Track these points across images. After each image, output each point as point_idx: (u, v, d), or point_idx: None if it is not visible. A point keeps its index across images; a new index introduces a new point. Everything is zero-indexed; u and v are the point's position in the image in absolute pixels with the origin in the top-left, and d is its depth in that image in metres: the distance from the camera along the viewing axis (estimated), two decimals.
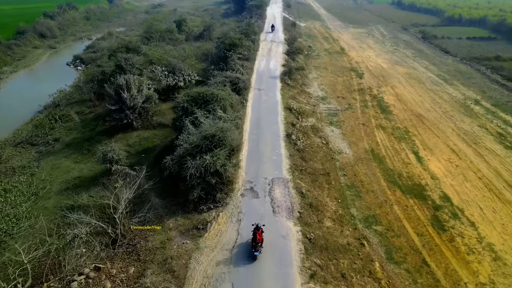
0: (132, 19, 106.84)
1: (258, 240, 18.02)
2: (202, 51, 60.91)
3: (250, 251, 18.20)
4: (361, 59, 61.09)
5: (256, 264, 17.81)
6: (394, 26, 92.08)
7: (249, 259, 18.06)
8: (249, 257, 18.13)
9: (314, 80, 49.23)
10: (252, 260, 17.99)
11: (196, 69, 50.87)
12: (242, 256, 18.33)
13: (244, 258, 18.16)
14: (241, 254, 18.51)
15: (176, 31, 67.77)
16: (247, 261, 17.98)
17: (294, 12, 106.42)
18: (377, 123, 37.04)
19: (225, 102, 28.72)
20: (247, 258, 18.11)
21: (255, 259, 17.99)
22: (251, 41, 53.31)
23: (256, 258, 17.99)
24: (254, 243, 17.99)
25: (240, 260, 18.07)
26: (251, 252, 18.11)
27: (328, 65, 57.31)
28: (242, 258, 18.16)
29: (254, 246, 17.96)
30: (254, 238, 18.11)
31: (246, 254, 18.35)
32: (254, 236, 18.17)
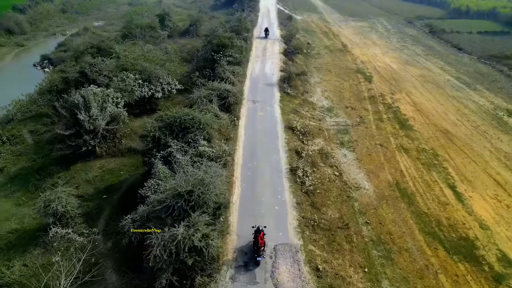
0: (113, 12, 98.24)
1: (260, 244, 16.65)
2: (188, 49, 53.63)
3: (252, 256, 16.80)
4: (367, 58, 54.25)
5: None
6: (398, 19, 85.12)
7: (252, 265, 16.61)
8: (251, 262, 16.69)
9: (317, 86, 42.34)
10: (255, 265, 16.63)
11: (180, 72, 43.73)
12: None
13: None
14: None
15: (159, 27, 60.12)
16: (250, 267, 16.53)
17: (289, 4, 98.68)
18: (398, 143, 30.43)
19: (210, 129, 21.80)
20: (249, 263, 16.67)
21: (258, 265, 16.64)
22: (243, 40, 46.12)
23: (259, 264, 16.61)
24: (256, 248, 16.67)
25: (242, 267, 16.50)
26: (253, 257, 16.74)
27: (331, 65, 50.40)
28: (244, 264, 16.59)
29: (257, 250, 16.65)
30: (255, 242, 16.78)
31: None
32: (255, 240, 16.83)
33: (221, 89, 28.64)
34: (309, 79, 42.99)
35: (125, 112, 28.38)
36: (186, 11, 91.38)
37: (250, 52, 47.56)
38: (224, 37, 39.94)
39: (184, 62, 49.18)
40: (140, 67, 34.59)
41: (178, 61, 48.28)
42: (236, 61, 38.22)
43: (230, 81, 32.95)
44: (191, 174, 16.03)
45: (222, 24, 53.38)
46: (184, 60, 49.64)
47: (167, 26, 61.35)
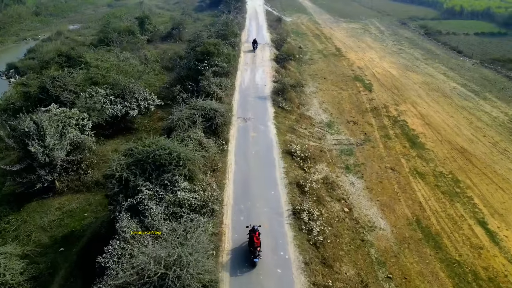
0: (91, 14, 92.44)
1: (256, 244, 15.69)
2: (170, 56, 48.99)
3: (248, 257, 15.85)
4: (364, 63, 50.47)
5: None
6: (391, 20, 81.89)
7: (247, 266, 15.65)
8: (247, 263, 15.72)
9: (313, 96, 38.23)
10: (251, 267, 15.64)
11: (160, 83, 39.11)
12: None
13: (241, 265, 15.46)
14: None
15: (138, 31, 55.24)
16: (245, 269, 15.49)
17: (277, 5, 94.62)
18: (411, 166, 26.47)
19: (192, 165, 17.37)
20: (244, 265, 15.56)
21: (254, 266, 15.64)
22: (231, 45, 41.72)
23: (256, 265, 15.62)
24: (252, 248, 15.73)
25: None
26: (248, 258, 15.80)
27: (326, 72, 46.40)
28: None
29: (252, 251, 15.69)
30: (251, 242, 15.93)
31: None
32: (250, 240, 15.98)
33: (207, 109, 24.17)
34: (304, 89, 38.82)
35: (91, 138, 23.71)
36: (168, 13, 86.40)
37: (239, 59, 43.18)
38: (209, 43, 35.43)
39: (166, 71, 44.62)
40: (112, 81, 29.87)
41: (158, 69, 43.72)
42: (223, 71, 33.78)
43: (216, 96, 28.55)
44: (163, 250, 11.51)
45: (207, 28, 48.90)
46: (165, 69, 45.06)
47: (147, 30, 56.50)
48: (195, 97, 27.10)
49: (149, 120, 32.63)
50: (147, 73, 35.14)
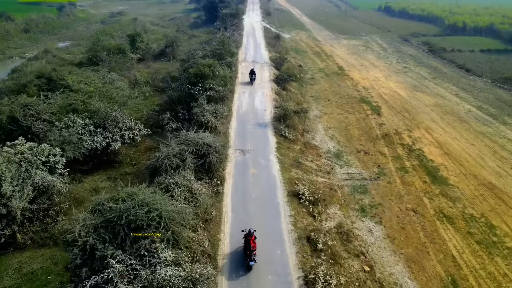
0: (83, 31, 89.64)
1: (253, 248, 15.31)
2: (163, 76, 45.72)
3: (243, 261, 15.52)
4: (369, 83, 47.42)
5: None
6: (392, 37, 79.60)
7: (242, 270, 15.29)
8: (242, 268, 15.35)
9: (318, 122, 34.86)
10: (246, 271, 15.21)
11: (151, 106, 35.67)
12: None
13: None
14: None
15: (129, 49, 52.07)
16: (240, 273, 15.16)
17: (274, 21, 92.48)
18: (436, 208, 22.91)
19: (177, 226, 13.70)
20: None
21: (250, 270, 15.21)
22: (227, 66, 38.51)
23: (252, 269, 15.23)
24: (248, 252, 15.29)
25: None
26: (245, 262, 15.41)
27: (330, 93, 43.21)
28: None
29: (249, 255, 15.23)
30: (247, 245, 15.52)
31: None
32: (246, 244, 15.60)
33: (199, 144, 20.60)
34: (308, 114, 35.45)
35: (62, 179, 20.04)
36: (163, 29, 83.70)
37: (236, 80, 39.90)
38: (204, 65, 32.10)
39: (157, 92, 41.22)
40: (93, 108, 26.35)
41: (149, 91, 40.30)
42: (219, 95, 30.37)
43: (211, 126, 25.04)
44: None
45: (202, 46, 45.76)
46: (157, 90, 41.65)
47: (139, 48, 53.32)
48: (186, 127, 23.58)
49: (136, 151, 28.99)
50: (135, 97, 31.60)
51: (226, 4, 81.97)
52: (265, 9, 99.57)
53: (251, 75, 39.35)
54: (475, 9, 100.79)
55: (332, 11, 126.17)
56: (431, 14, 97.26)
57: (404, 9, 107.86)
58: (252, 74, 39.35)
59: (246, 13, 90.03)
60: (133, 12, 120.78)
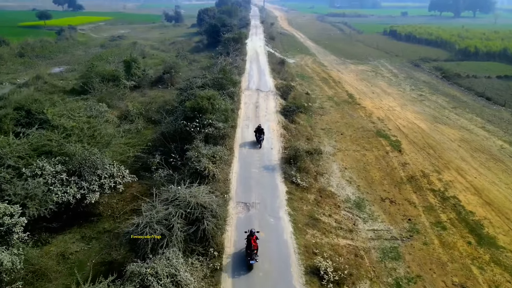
0: (81, 55, 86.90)
1: (254, 247, 16.14)
2: (159, 105, 41.90)
3: (245, 259, 16.33)
4: (384, 113, 43.34)
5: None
6: (401, 62, 76.27)
7: (244, 268, 15.99)
8: (244, 266, 16.10)
9: (332, 160, 30.50)
10: (247, 270, 15.98)
11: (142, 142, 31.47)
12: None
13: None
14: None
15: (123, 76, 48.48)
16: (242, 271, 15.75)
17: (278, 46, 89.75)
18: (490, 282, 18.14)
19: None
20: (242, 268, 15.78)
21: (251, 269, 16.00)
22: (229, 96, 34.55)
23: (252, 268, 16.01)
24: (249, 251, 16.19)
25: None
26: (246, 261, 16.24)
27: (342, 125, 39.05)
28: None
29: (250, 254, 16.17)
30: (248, 245, 16.33)
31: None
32: (248, 243, 16.34)
33: (191, 204, 16.18)
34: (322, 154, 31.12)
35: (8, 257, 15.49)
36: (163, 54, 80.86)
37: (238, 111, 35.84)
38: (202, 97, 28.04)
39: (151, 124, 37.20)
40: (69, 151, 22.12)
41: (141, 124, 36.26)
42: (218, 133, 26.17)
43: (208, 174, 20.67)
44: None
45: (202, 74, 42.01)
46: (150, 121, 37.63)
47: (135, 75, 49.71)
48: (177, 178, 19.17)
49: (120, 199, 24.53)
50: (121, 136, 27.35)
51: (228, 29, 79.51)
52: (268, 33, 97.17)
53: (258, 134, 28.66)
54: (485, 33, 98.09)
55: (337, 35, 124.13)
56: (439, 38, 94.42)
57: (411, 33, 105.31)
58: (260, 133, 28.64)
59: (249, 37, 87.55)
60: (134, 36, 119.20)
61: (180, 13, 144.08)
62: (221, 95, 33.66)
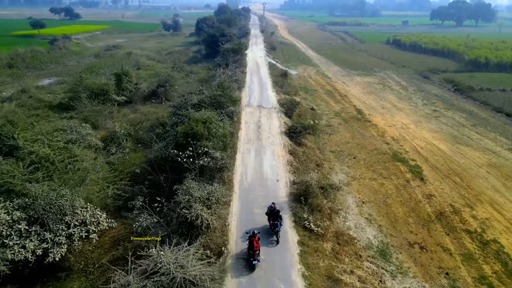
0: (74, 66, 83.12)
1: (256, 248, 16.19)
2: (151, 122, 38.05)
3: (248, 260, 16.35)
4: (398, 132, 39.49)
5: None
6: (409, 73, 72.70)
7: (247, 269, 16.01)
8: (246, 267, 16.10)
9: (346, 192, 26.48)
10: (250, 270, 16.01)
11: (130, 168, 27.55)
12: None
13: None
14: None
15: (113, 90, 44.68)
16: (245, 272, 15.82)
17: (279, 56, 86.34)
18: None
19: None
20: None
21: (253, 269, 16.05)
22: (228, 116, 30.67)
23: (255, 268, 16.05)
24: (252, 252, 16.20)
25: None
26: (248, 261, 16.26)
27: (354, 147, 35.14)
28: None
29: (252, 254, 16.18)
30: (250, 246, 16.32)
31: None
32: (250, 244, 16.34)
33: (177, 280, 12.04)
34: (331, 176, 27.12)
35: None
36: (159, 64, 77.26)
37: (239, 132, 31.89)
38: (197, 120, 24.07)
39: (141, 145, 33.24)
40: (30, 192, 18.10)
41: (130, 146, 32.31)
42: (215, 165, 22.14)
43: (201, 225, 16.63)
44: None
45: (199, 89, 38.17)
46: (141, 143, 33.67)
47: (126, 89, 45.86)
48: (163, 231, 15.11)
49: (96, 246, 20.43)
50: (100, 170, 23.20)
51: (227, 39, 76.05)
52: (268, 43, 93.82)
53: (272, 219, 18.84)
54: (492, 43, 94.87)
55: (338, 44, 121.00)
56: (446, 48, 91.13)
57: (416, 43, 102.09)
58: (274, 217, 18.70)
59: (249, 47, 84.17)
60: (131, 45, 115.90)
61: (178, 22, 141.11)
62: (219, 115, 29.77)
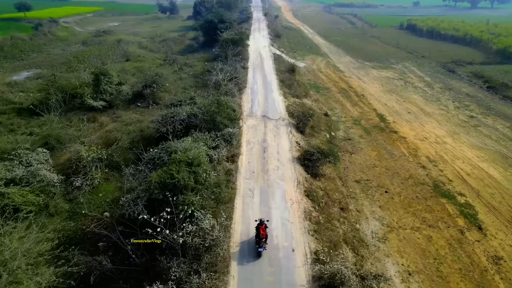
0: (58, 55, 75.10)
1: (262, 236, 16.46)
2: (133, 136, 31.11)
3: (254, 247, 16.68)
4: (432, 148, 32.39)
5: None
6: (430, 65, 64.69)
7: (253, 256, 16.29)
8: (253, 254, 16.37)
9: (383, 253, 19.56)
10: (256, 257, 16.35)
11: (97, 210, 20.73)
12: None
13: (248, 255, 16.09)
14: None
15: (90, 94, 37.38)
16: (251, 258, 16.16)
17: (285, 44, 78.07)
18: None
19: None
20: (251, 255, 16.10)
21: (259, 256, 16.37)
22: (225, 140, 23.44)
23: (261, 255, 16.35)
24: (258, 239, 16.50)
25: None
26: (255, 249, 16.57)
27: (383, 173, 28.05)
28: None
29: (258, 242, 16.47)
30: (257, 234, 16.60)
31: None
32: (257, 232, 16.63)
33: None
34: (359, 222, 20.15)
35: None
36: (151, 54, 69.30)
37: (238, 161, 24.63)
38: (179, 162, 16.90)
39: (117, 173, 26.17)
40: None
41: (100, 175, 25.28)
42: (203, 242, 15.03)
43: None
44: None
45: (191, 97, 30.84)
46: (116, 169, 26.58)
47: (105, 92, 38.38)
48: None
49: None
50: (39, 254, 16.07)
51: (227, 25, 67.85)
52: (273, 29, 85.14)
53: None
54: None
55: (348, 29, 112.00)
56: (468, 35, 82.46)
57: (433, 28, 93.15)
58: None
59: (251, 34, 75.82)
60: (123, 30, 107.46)
61: (175, 4, 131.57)
62: (213, 139, 22.57)
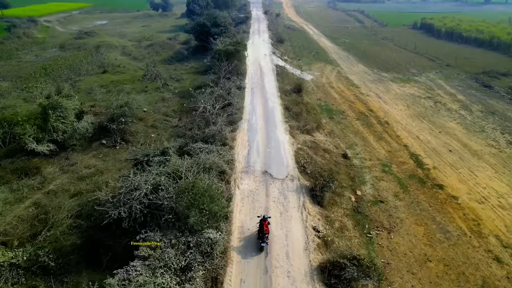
0: (31, 61, 65.32)
1: (265, 231, 17.25)
2: (82, 204, 22.07)
3: (257, 242, 17.60)
4: (499, 219, 23.34)
5: None
6: (460, 77, 55.22)
7: (256, 250, 17.23)
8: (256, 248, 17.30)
9: None
10: (259, 251, 17.21)
11: None
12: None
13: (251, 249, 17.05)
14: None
15: (34, 133, 28.19)
16: (254, 253, 17.10)
17: (288, 49, 68.43)
18: None
19: None
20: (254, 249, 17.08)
21: (262, 250, 17.23)
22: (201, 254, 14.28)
23: (263, 250, 17.26)
24: (261, 234, 17.32)
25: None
26: (257, 243, 17.50)
27: (442, 277, 18.91)
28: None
29: (261, 237, 17.32)
30: (260, 229, 17.40)
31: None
32: (260, 228, 17.42)
33: None
34: None
35: None
36: (134, 64, 59.85)
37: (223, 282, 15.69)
38: None
39: None
40: None
41: None
42: None
43: None
44: None
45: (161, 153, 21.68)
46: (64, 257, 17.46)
47: (56, 130, 29.03)
48: None
49: None
50: None
51: (221, 29, 58.21)
52: (274, 32, 75.32)
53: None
54: None
55: (356, 28, 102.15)
56: (495, 38, 72.80)
57: (453, 30, 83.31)
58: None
59: (250, 38, 66.23)
60: (110, 30, 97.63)
61: (167, 0, 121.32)
62: (182, 253, 13.47)
